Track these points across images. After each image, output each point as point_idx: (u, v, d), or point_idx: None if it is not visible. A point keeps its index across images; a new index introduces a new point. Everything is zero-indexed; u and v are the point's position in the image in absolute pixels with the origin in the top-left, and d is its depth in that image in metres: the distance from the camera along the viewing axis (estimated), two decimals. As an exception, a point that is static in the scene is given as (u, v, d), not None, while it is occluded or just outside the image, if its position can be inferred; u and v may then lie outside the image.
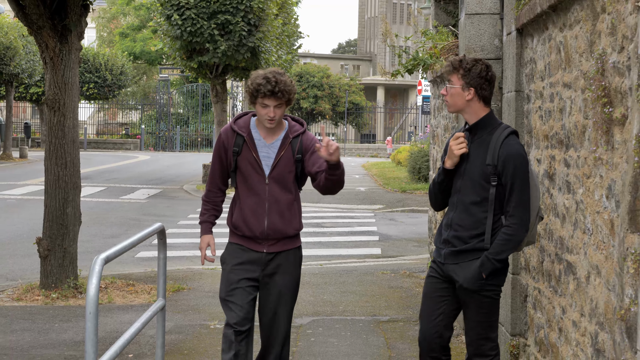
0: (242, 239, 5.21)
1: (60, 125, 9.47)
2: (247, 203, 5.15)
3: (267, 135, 5.18)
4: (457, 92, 4.76)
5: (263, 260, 5.18)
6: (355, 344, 7.50)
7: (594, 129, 4.24)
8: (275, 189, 5.15)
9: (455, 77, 4.76)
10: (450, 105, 4.85)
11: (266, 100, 4.96)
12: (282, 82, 4.96)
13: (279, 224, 5.15)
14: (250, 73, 5.21)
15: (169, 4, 22.83)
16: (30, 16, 9.24)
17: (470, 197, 4.73)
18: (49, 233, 9.42)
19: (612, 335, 3.92)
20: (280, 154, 5.14)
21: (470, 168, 4.73)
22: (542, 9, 5.12)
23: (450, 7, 11.50)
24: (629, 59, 3.74)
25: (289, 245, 5.24)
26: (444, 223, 4.89)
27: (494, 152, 4.66)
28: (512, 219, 4.64)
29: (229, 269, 5.18)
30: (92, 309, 4.21)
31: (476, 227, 4.71)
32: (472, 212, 4.72)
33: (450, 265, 4.79)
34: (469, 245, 4.72)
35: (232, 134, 5.20)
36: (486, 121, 4.79)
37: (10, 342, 7.49)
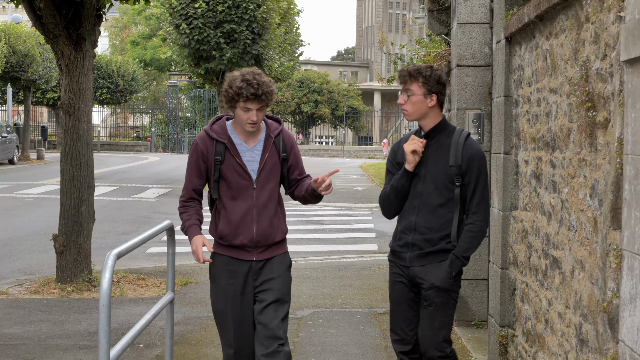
0: (230, 249, 4.70)
1: (75, 129, 9.47)
2: (235, 211, 4.64)
3: (247, 139, 4.69)
4: (419, 99, 4.62)
5: (254, 269, 4.71)
6: (353, 335, 7.50)
7: (579, 132, 4.24)
8: (262, 193, 4.68)
9: (415, 85, 4.61)
10: (410, 113, 4.67)
11: (249, 104, 4.48)
12: (264, 84, 4.50)
13: (268, 230, 4.69)
14: (225, 76, 4.63)
15: (177, 14, 22.83)
16: (47, 25, 9.25)
17: (435, 200, 4.60)
18: (64, 230, 9.43)
19: (595, 326, 3.92)
20: (265, 156, 4.68)
21: (431, 171, 4.62)
22: (530, 19, 5.12)
23: (443, 16, 11.51)
24: (611, 66, 3.74)
25: (278, 251, 4.79)
26: (402, 227, 4.71)
27: (456, 153, 4.58)
28: (475, 216, 4.60)
29: (221, 285, 4.72)
30: (105, 302, 4.21)
31: (444, 229, 4.60)
32: (439, 214, 4.60)
33: (417, 267, 4.64)
34: (437, 246, 4.61)
35: (210, 142, 4.66)
36: (442, 125, 4.71)
37: (28, 333, 7.50)
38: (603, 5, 3.83)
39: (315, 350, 6.95)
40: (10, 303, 8.72)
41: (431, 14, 11.25)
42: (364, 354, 6.88)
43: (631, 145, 3.25)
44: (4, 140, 32.39)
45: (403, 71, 4.67)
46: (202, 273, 10.53)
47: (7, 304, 8.69)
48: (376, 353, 6.92)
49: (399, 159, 4.76)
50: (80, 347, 7.02)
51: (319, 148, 56.63)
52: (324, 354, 6.87)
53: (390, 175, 4.82)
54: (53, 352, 6.88)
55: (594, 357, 3.97)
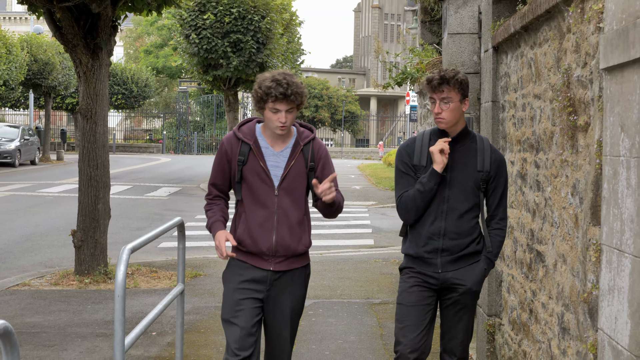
0: (247, 255, 4.22)
1: (92, 132, 9.47)
2: (254, 216, 4.16)
3: (275, 143, 4.20)
4: (457, 106, 4.16)
5: (269, 279, 4.20)
6: (351, 324, 7.50)
7: (561, 135, 4.24)
8: (285, 201, 4.17)
9: (453, 92, 4.14)
10: (448, 121, 4.17)
11: (277, 105, 4.03)
12: (293, 84, 4.06)
13: (288, 239, 4.17)
14: (256, 77, 4.19)
15: (187, 25, 22.84)
16: (66, 36, 9.25)
17: (463, 205, 4.21)
18: (82, 226, 9.43)
19: (576, 315, 3.92)
20: (290, 163, 4.18)
21: (458, 176, 4.20)
22: (515, 29, 5.12)
23: (434, 27, 11.51)
24: (591, 73, 3.74)
25: (297, 264, 4.27)
26: (430, 232, 4.23)
27: (484, 158, 4.21)
28: (504, 222, 4.33)
29: (233, 287, 4.23)
30: (120, 293, 4.21)
31: (471, 233, 4.24)
32: (466, 219, 4.22)
33: (450, 272, 4.23)
34: (468, 249, 4.24)
35: (236, 142, 4.21)
36: (468, 130, 4.29)
37: (49, 321, 7.50)
38: (583, 17, 3.83)
39: (316, 338, 6.95)
40: (32, 294, 8.72)
41: (424, 25, 11.25)
42: (361, 342, 6.88)
43: (609, 147, 3.25)
44: (26, 142, 32.39)
45: (435, 78, 4.17)
46: (211, 266, 10.53)
47: (29, 294, 8.69)
48: (372, 341, 6.92)
49: (416, 161, 4.29)
50: (97, 335, 7.02)
51: (319, 150, 56.53)
52: (324, 341, 6.87)
53: (406, 178, 4.31)
54: (72, 339, 6.88)
55: (575, 344, 3.97)
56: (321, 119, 62.29)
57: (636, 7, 2.94)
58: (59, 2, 8.98)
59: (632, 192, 3.00)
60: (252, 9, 22.99)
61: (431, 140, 4.27)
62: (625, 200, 3.07)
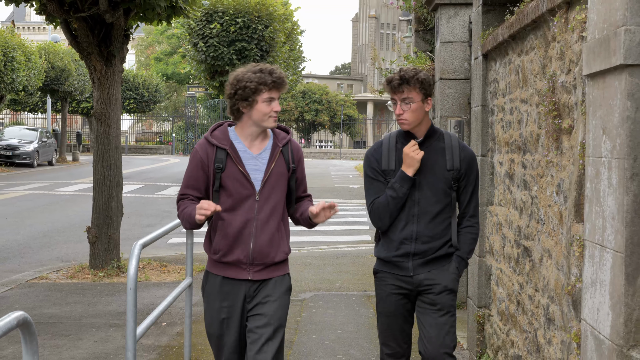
0: (224, 267, 3.77)
1: (106, 134, 9.47)
2: (232, 224, 3.71)
3: (252, 145, 3.76)
4: (419, 106, 3.82)
5: (249, 290, 3.78)
6: (349, 315, 7.50)
7: (546, 137, 4.24)
8: (265, 207, 3.73)
9: (414, 92, 3.79)
10: (411, 122, 3.84)
11: (273, 93, 3.66)
12: (278, 70, 3.73)
13: (266, 247, 3.74)
14: (229, 75, 3.77)
15: (195, 34, 22.87)
16: (81, 44, 9.25)
17: (435, 207, 3.89)
18: (96, 223, 9.43)
19: (561, 307, 3.92)
20: (271, 165, 3.74)
21: (427, 177, 3.87)
22: (504, 38, 5.12)
23: (427, 36, 11.51)
24: (574, 79, 3.74)
25: (277, 272, 3.82)
26: (401, 237, 3.92)
27: (453, 157, 3.90)
28: (474, 219, 4.02)
29: (215, 307, 3.81)
30: (132, 285, 4.22)
31: (444, 235, 3.94)
32: (439, 221, 3.91)
33: (422, 274, 3.92)
34: (440, 252, 3.94)
35: (210, 148, 3.75)
36: (433, 129, 3.96)
37: (65, 312, 7.50)
38: (567, 26, 3.83)
39: (316, 328, 6.95)
40: (49, 286, 8.72)
41: (417, 33, 11.25)
42: (359, 332, 6.88)
43: (592, 149, 3.25)
44: (44, 144, 32.39)
45: (395, 79, 3.80)
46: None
47: (46, 287, 8.69)
48: (369, 330, 6.91)
49: (384, 165, 3.94)
50: (110, 325, 7.03)
51: (319, 151, 56.66)
52: (323, 331, 6.87)
53: (376, 184, 3.96)
54: (87, 329, 6.88)
55: (559, 334, 3.97)
56: (321, 122, 62.37)
57: (617, 17, 2.95)
58: (75, 13, 8.99)
59: (613, 191, 3.00)
60: (256, 19, 23.01)
61: (397, 143, 3.93)
62: (606, 198, 3.07)
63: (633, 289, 2.89)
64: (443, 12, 7.49)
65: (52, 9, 8.94)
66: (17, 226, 13.84)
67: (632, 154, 2.88)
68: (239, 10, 22.95)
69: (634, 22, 2.85)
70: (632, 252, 2.89)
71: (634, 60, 2.85)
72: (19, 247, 11.67)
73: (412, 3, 10.15)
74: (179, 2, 9.39)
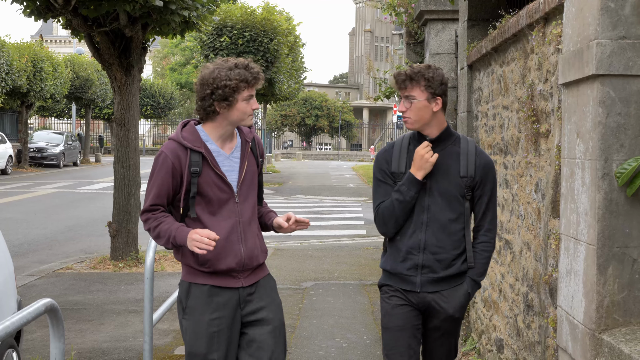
0: (212, 277, 3.14)
1: (125, 138, 9.47)
2: (218, 231, 3.08)
3: (224, 145, 3.19)
4: (423, 105, 3.23)
5: (242, 297, 3.17)
6: (346, 302, 7.50)
7: (526, 140, 4.24)
8: (246, 208, 3.20)
9: (417, 89, 3.22)
10: (413, 121, 3.25)
11: (252, 90, 3.11)
12: (252, 63, 3.17)
13: (255, 249, 3.21)
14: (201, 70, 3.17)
15: (207, 47, 22.87)
16: (103, 56, 9.26)
17: (446, 215, 3.24)
18: (116, 218, 9.43)
19: (539, 294, 3.93)
20: (244, 164, 3.20)
21: (439, 183, 3.25)
22: (487, 50, 5.12)
23: (418, 48, 11.51)
24: (551, 88, 3.75)
25: (262, 274, 3.28)
26: (408, 246, 3.27)
27: (468, 163, 3.26)
28: (491, 233, 3.34)
29: (205, 319, 3.11)
30: (149, 275, 4.22)
31: (457, 247, 3.27)
32: (452, 231, 3.25)
33: (430, 294, 3.26)
34: (452, 269, 3.26)
35: (183, 152, 3.09)
36: (448, 132, 3.32)
37: (88, 300, 7.50)
38: (545, 40, 3.83)
39: (317, 314, 6.95)
40: (74, 276, 8.72)
41: (409, 46, 11.25)
42: (355, 317, 6.88)
43: (567, 151, 3.25)
44: (69, 147, 32.40)
45: (400, 75, 3.26)
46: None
47: (71, 277, 8.69)
48: (365, 316, 6.91)
49: (394, 168, 3.34)
50: (129, 311, 7.03)
51: (319, 153, 56.73)
52: (323, 317, 6.87)
53: (384, 187, 3.36)
54: (108, 315, 6.89)
55: (537, 319, 3.97)
56: (321, 127, 62.43)
57: (589, 32, 2.95)
58: (97, 28, 8.99)
59: (586, 189, 3.00)
60: (262, 33, 23.02)
61: (410, 145, 3.36)
62: (580, 196, 3.07)
63: (604, 279, 2.90)
64: (432, 26, 7.49)
65: (76, 24, 8.94)
66: (45, 221, 13.84)
67: (603, 155, 2.88)
68: (246, 25, 22.96)
69: (605, 36, 2.86)
70: (603, 244, 2.89)
71: (604, 70, 2.85)
72: (47, 240, 11.68)
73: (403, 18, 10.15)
74: (192, 18, 9.39)
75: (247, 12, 23.22)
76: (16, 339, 4.44)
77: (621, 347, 2.69)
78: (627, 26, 2.85)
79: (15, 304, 4.47)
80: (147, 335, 4.22)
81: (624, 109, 2.86)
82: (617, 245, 2.89)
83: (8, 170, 26.40)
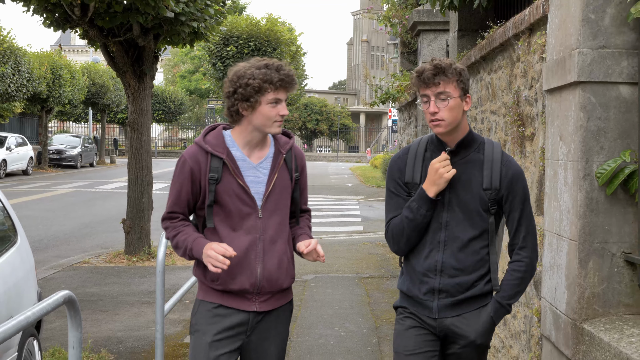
0: (224, 295, 2.70)
1: (138, 140, 9.47)
2: (234, 246, 2.64)
3: (252, 153, 2.71)
4: (457, 103, 2.54)
5: (250, 322, 2.71)
6: (344, 293, 7.50)
7: (512, 143, 4.24)
8: (270, 224, 2.69)
9: (451, 85, 2.53)
10: (448, 123, 2.54)
11: (280, 94, 2.63)
12: (287, 67, 2.68)
13: (275, 272, 2.69)
14: (229, 71, 2.73)
15: (214, 55, 22.87)
16: (118, 64, 9.26)
17: (467, 232, 2.58)
18: (130, 215, 9.43)
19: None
20: (273, 176, 2.70)
21: (459, 195, 2.58)
22: (476, 59, 5.12)
23: (411, 57, 11.50)
24: (536, 94, 3.74)
25: (283, 300, 2.78)
26: (424, 268, 2.62)
27: (492, 173, 2.57)
28: (524, 252, 2.61)
29: (206, 342, 2.67)
30: (161, 269, 4.21)
31: (479, 268, 2.61)
32: (472, 250, 2.59)
33: (449, 318, 2.62)
34: (473, 290, 2.60)
35: (204, 156, 2.68)
36: (472, 136, 2.63)
37: (104, 291, 7.50)
38: (530, 49, 3.83)
39: (317, 305, 6.95)
40: (91, 270, 8.72)
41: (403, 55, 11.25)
42: (353, 308, 6.88)
43: (551, 153, 3.25)
44: (86, 149, 32.41)
45: (428, 69, 2.55)
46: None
47: (88, 270, 8.69)
48: (362, 307, 6.91)
49: (408, 177, 2.67)
50: (142, 302, 7.02)
51: (319, 155, 56.81)
52: (323, 307, 6.86)
53: (396, 199, 2.68)
54: (122, 306, 6.88)
55: (523, 310, 3.97)
56: (321, 130, 62.55)
57: (571, 42, 2.95)
58: (112, 38, 9.00)
59: (568, 188, 3.00)
60: (266, 43, 23.04)
61: (427, 151, 2.67)
62: (563, 195, 3.07)
63: (585, 272, 2.90)
64: (424, 37, 7.48)
65: (93, 34, 8.94)
66: (63, 218, 13.84)
67: (585, 157, 2.88)
68: (251, 36, 22.97)
69: (586, 45, 2.85)
70: (584, 240, 2.89)
71: (585, 77, 2.85)
72: (65, 236, 11.67)
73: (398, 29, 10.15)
74: (201, 29, 9.40)
75: (252, 23, 23.23)
76: (37, 328, 4.44)
77: (600, 336, 2.69)
78: (607, 36, 2.85)
79: (35, 295, 4.47)
80: (159, 325, 4.22)
81: (603, 113, 2.86)
82: (598, 240, 2.89)
83: (29, 170, 26.41)
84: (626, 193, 2.86)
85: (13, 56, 23.33)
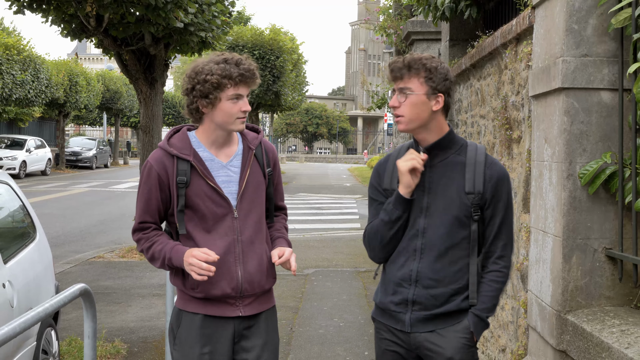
0: (205, 304, 2.41)
1: (150, 143, 9.47)
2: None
3: (220, 152, 2.45)
4: (420, 100, 2.24)
5: (238, 331, 2.43)
6: (343, 287, 7.49)
7: (500, 145, 4.24)
8: (247, 224, 2.44)
9: (415, 80, 2.24)
10: (407, 120, 2.25)
11: (240, 89, 2.36)
12: (247, 61, 2.40)
13: (256, 274, 2.44)
14: (188, 66, 2.50)
15: (221, 63, 22.86)
16: (130, 71, 9.26)
17: (445, 242, 2.26)
18: (142, 213, 9.42)
19: (512, 280, 3.92)
20: (245, 173, 2.44)
21: (438, 201, 2.27)
22: (466, 66, 5.12)
23: (405, 65, 11.45)
24: (522, 99, 3.74)
25: (267, 304, 2.52)
26: (398, 278, 2.32)
27: (475, 176, 2.26)
28: (503, 261, 2.31)
29: (194, 355, 2.39)
30: (171, 263, 4.21)
31: (457, 280, 2.28)
32: (451, 260, 2.27)
33: (423, 334, 2.30)
34: (449, 306, 2.27)
35: (170, 160, 2.40)
36: (450, 138, 2.31)
37: (118, 285, 7.50)
38: (517, 57, 3.83)
39: (317, 297, 6.94)
40: (105, 264, 8.72)
41: (397, 63, 11.21)
42: (351, 300, 6.88)
43: (536, 154, 3.25)
44: (101, 151, 32.41)
45: (397, 62, 2.27)
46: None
47: (103, 264, 8.69)
48: (359, 299, 6.91)
49: (386, 184, 2.39)
50: (153, 295, 7.02)
51: (319, 156, 56.82)
52: (323, 299, 6.86)
53: (374, 205, 2.42)
54: (135, 298, 6.88)
55: (511, 302, 3.97)
56: (321, 133, 62.58)
57: (556, 50, 2.95)
58: (125, 47, 9.01)
59: (553, 188, 3.00)
60: (270, 52, 23.06)
61: None
62: (548, 194, 3.07)
63: (569, 266, 2.90)
64: (418, 45, 7.48)
65: (107, 43, 8.95)
66: (79, 216, 13.84)
67: (568, 158, 2.88)
68: (256, 45, 22.98)
69: (569, 54, 2.86)
70: (567, 236, 2.89)
71: (569, 84, 2.85)
72: (81, 232, 11.67)
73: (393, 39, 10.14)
74: (208, 38, 9.40)
75: (256, 33, 23.23)
76: (54, 319, 4.44)
77: (583, 326, 2.69)
78: (589, 45, 2.85)
79: (53, 288, 4.47)
80: (169, 316, 4.21)
81: (586, 118, 2.86)
82: (580, 237, 2.89)
83: (47, 171, 26.42)
84: (607, 192, 2.86)
85: (32, 64, 23.36)
